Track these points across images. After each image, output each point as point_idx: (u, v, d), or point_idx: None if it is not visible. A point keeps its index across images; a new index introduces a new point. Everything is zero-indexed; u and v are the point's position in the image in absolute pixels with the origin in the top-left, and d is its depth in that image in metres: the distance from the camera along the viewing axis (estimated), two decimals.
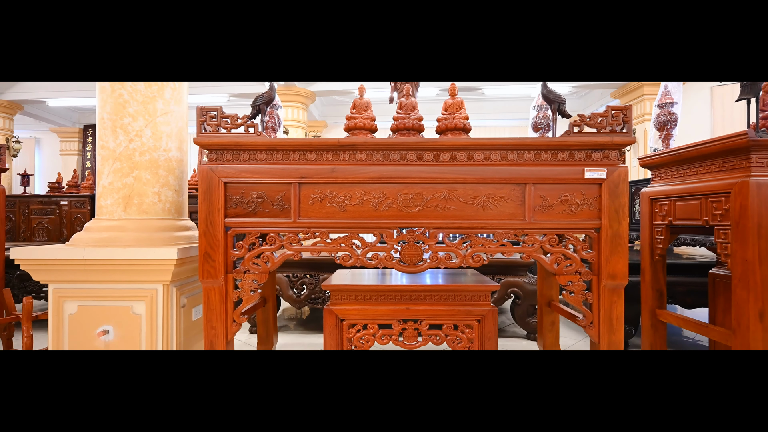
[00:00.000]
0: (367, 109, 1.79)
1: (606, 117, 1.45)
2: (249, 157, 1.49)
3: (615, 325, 1.46)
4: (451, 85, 1.76)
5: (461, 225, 1.47)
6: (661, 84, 2.08)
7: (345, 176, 1.47)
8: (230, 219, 1.49)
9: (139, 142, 1.70)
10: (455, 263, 1.48)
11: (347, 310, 1.49)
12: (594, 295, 1.48)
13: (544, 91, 1.76)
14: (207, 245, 1.47)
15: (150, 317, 1.62)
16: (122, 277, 1.60)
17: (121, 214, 1.68)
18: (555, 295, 2.17)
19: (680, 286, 2.46)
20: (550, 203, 1.47)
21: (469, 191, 1.47)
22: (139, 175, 1.70)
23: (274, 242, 1.50)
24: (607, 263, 1.45)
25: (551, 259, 1.48)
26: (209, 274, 1.48)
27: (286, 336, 2.79)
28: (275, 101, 2.07)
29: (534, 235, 1.47)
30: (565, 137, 1.45)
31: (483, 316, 1.48)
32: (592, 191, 1.46)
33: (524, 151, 1.46)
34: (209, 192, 1.47)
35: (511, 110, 8.64)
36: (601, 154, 1.46)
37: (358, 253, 1.49)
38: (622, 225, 1.44)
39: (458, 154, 1.47)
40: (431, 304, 1.50)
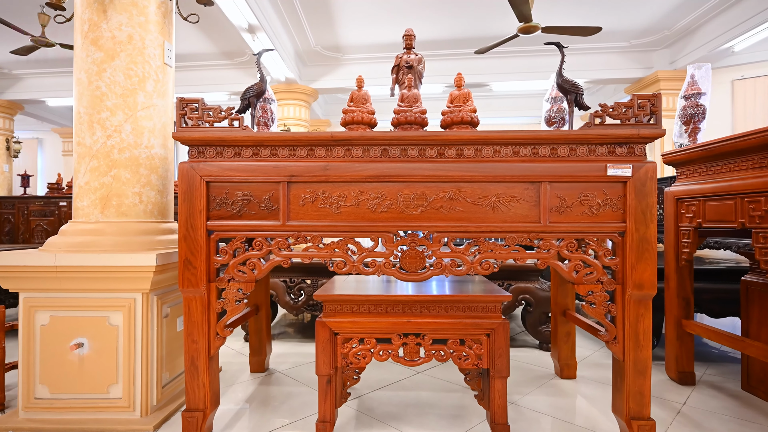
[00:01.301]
0: (365, 102, 1.66)
1: (631, 107, 1.30)
2: (233, 153, 1.37)
3: (642, 340, 1.32)
4: (458, 75, 1.63)
5: (468, 228, 1.33)
6: (688, 73, 1.92)
7: (339, 174, 1.34)
8: (213, 222, 1.37)
9: (117, 138, 1.58)
10: (462, 271, 1.34)
11: (342, 323, 1.36)
12: (618, 307, 1.33)
13: (559, 80, 1.62)
14: (187, 251, 1.35)
15: (128, 329, 1.50)
16: (98, 286, 1.48)
17: (98, 216, 1.57)
18: (570, 303, 2.02)
19: (706, 293, 2.29)
20: (568, 204, 1.32)
21: (478, 191, 1.33)
22: (118, 174, 1.58)
23: (261, 247, 1.37)
24: (633, 271, 1.30)
25: (569, 266, 1.34)
26: (190, 282, 1.35)
27: (283, 344, 2.67)
28: (268, 94, 1.95)
29: (550, 240, 1.33)
30: (586, 130, 1.30)
31: (493, 330, 1.34)
32: (616, 190, 1.32)
33: (539, 145, 1.32)
34: (190, 192, 1.35)
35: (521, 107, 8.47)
36: (625, 149, 1.32)
37: (353, 260, 1.35)
38: (649, 228, 1.30)
39: (465, 149, 1.34)
40: (435, 316, 1.37)
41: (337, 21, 5.23)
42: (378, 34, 5.57)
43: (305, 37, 5.62)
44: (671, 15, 4.94)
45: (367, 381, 1.98)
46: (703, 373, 2.11)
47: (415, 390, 1.88)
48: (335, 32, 5.55)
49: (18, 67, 6.91)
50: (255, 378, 2.04)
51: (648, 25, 5.22)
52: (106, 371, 1.50)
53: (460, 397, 1.80)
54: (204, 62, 6.36)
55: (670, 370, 2.01)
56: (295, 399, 1.78)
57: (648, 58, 5.92)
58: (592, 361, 2.33)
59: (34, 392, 1.50)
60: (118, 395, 1.51)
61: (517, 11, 3.65)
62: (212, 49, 6.00)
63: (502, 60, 6.14)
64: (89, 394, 1.50)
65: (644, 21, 5.12)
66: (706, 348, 2.54)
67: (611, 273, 1.37)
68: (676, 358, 1.96)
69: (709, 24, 4.91)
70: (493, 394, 1.35)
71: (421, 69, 1.81)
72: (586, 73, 5.99)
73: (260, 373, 2.11)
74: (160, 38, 1.70)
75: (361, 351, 1.37)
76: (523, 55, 6.06)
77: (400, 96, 1.65)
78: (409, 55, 1.80)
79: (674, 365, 1.97)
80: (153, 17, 1.67)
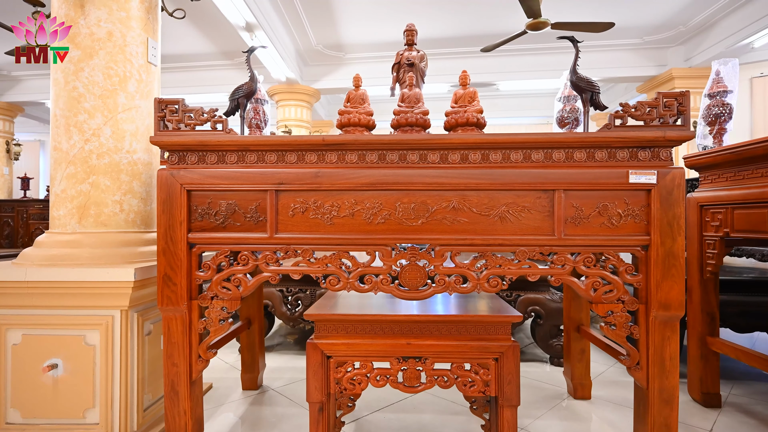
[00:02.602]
0: (363, 103, 1.56)
1: (656, 106, 1.18)
2: (217, 159, 1.27)
3: (668, 366, 1.20)
4: (463, 73, 1.52)
5: (474, 241, 1.22)
6: (713, 69, 1.80)
7: (332, 182, 1.24)
8: (195, 234, 1.26)
9: (96, 142, 1.49)
10: (467, 288, 1.23)
11: (335, 345, 1.25)
12: (641, 329, 1.21)
13: (573, 78, 1.50)
14: (167, 265, 1.25)
15: (105, 348, 1.40)
16: (73, 302, 1.39)
17: (75, 226, 1.48)
18: (585, 318, 1.90)
19: (731, 306, 2.15)
20: (585, 214, 1.21)
21: (485, 200, 1.22)
22: (97, 180, 1.49)
23: (246, 262, 1.27)
24: (658, 289, 1.18)
25: (587, 283, 1.22)
26: (169, 300, 1.25)
27: (279, 357, 2.57)
28: (260, 95, 1.85)
29: (565, 254, 1.21)
30: (605, 132, 1.19)
31: (501, 354, 1.22)
32: (639, 199, 1.20)
33: (553, 149, 1.21)
34: (169, 202, 1.25)
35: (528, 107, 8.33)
36: (649, 153, 1.20)
37: (347, 276, 1.25)
38: (676, 242, 1.17)
39: (471, 154, 1.22)
40: (437, 338, 1.25)
41: (338, 19, 5.14)
42: (381, 32, 5.47)
43: (306, 35, 5.53)
44: (687, 10, 4.79)
45: (366, 400, 1.87)
46: (729, 394, 1.97)
47: (416, 412, 1.77)
48: (337, 30, 5.46)
49: (18, 68, 6.91)
50: (247, 396, 1.94)
51: (662, 21, 5.07)
52: (82, 394, 1.41)
53: (465, 421, 1.68)
54: (203, 62, 6.30)
55: (693, 391, 1.87)
56: (287, 422, 1.68)
57: (662, 55, 5.76)
58: (607, 378, 2.20)
59: (5, 417, 1.41)
60: (95, 420, 1.41)
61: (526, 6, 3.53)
62: (211, 49, 5.94)
63: (509, 58, 6.01)
64: (64, 419, 1.41)
65: (658, 16, 4.97)
66: (729, 363, 2.40)
67: (633, 291, 1.25)
68: (700, 379, 1.83)
69: (727, 19, 4.75)
70: (501, 425, 1.23)
71: (424, 66, 1.70)
72: (596, 71, 5.84)
73: (253, 391, 2.00)
74: (143, 35, 1.61)
75: (356, 376, 1.26)
76: (531, 52, 5.93)
77: (400, 96, 1.54)
78: (410, 52, 1.69)
79: (698, 386, 1.84)
80: (135, 12, 1.57)
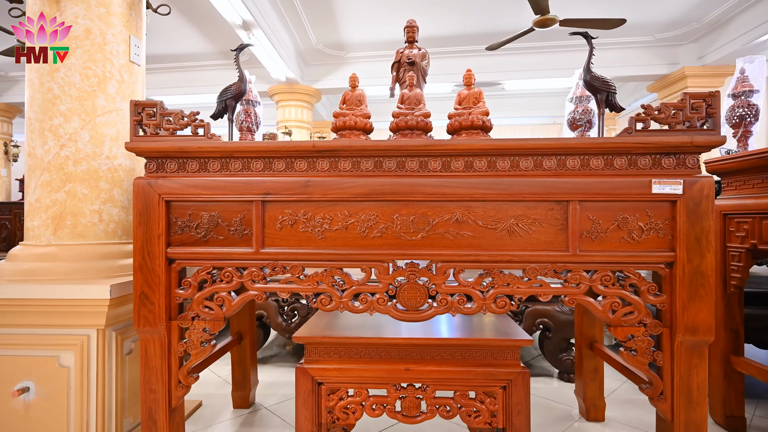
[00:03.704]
0: (360, 104, 1.47)
1: (683, 108, 1.08)
2: (198, 167, 1.18)
3: (696, 397, 1.09)
4: (467, 72, 1.42)
5: (480, 257, 1.12)
6: (737, 67, 1.69)
7: (323, 192, 1.14)
8: (174, 249, 1.17)
9: (73, 147, 1.40)
10: (471, 309, 1.13)
11: (327, 371, 1.16)
12: (665, 356, 1.11)
13: (587, 77, 1.40)
14: (143, 283, 1.16)
15: (80, 370, 1.32)
16: (45, 321, 1.30)
17: (50, 238, 1.39)
18: (598, 334, 1.79)
19: (754, 320, 2.03)
20: (603, 228, 1.10)
21: (491, 212, 1.12)
22: (74, 189, 1.40)
23: (230, 279, 1.17)
24: (685, 311, 1.07)
25: (604, 304, 1.11)
26: (147, 320, 1.16)
27: (275, 370, 2.47)
28: (251, 95, 1.76)
29: (580, 272, 1.11)
30: (625, 137, 1.08)
31: (510, 382, 1.12)
32: (662, 211, 1.09)
33: (567, 156, 1.10)
34: (146, 213, 1.16)
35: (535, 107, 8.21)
36: (674, 160, 1.09)
37: (340, 295, 1.15)
38: (705, 258, 1.07)
39: (476, 161, 1.12)
40: (439, 364, 1.15)
41: (339, 17, 5.06)
42: (384, 31, 5.38)
43: (306, 34, 5.45)
44: (701, 6, 4.66)
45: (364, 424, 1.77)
46: (753, 415, 1.86)
47: None
48: (338, 29, 5.37)
49: (16, 69, 6.87)
50: (237, 416, 1.85)
51: (675, 18, 4.94)
52: (56, 420, 1.32)
53: None
54: (201, 62, 6.23)
55: (715, 414, 1.76)
56: None
57: (673, 53, 5.63)
58: (620, 397, 2.09)
59: None
60: None
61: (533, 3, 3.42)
62: (209, 49, 5.87)
63: (515, 57, 5.90)
64: None
65: (671, 13, 4.85)
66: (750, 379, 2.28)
67: (656, 313, 1.14)
68: (723, 401, 1.72)
69: (743, 15, 4.62)
70: None
71: (425, 65, 1.61)
72: (604, 70, 5.69)
73: (244, 410, 1.91)
74: (124, 32, 1.52)
75: (350, 404, 1.16)
76: (538, 51, 5.81)
77: (400, 96, 1.45)
78: (411, 50, 1.60)
79: (720, 408, 1.72)
80: (116, 8, 1.49)
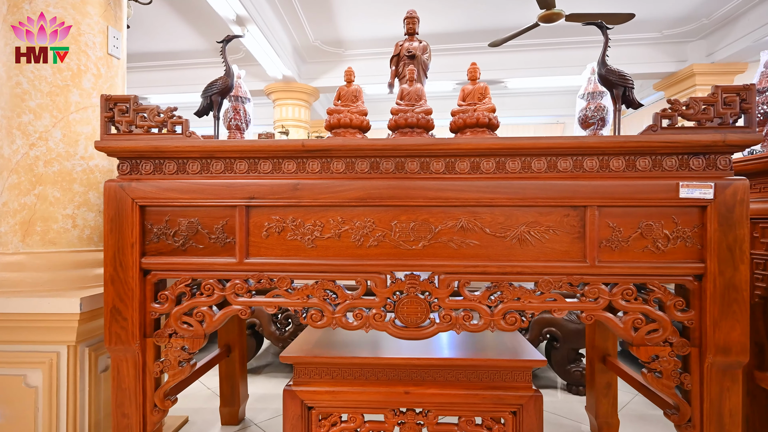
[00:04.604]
0: (356, 100, 1.38)
1: (714, 103, 0.98)
2: (176, 168, 1.08)
3: (728, 424, 0.99)
4: (472, 66, 1.33)
5: (487, 269, 1.02)
6: (762, 61, 1.59)
7: (314, 195, 1.04)
8: (150, 259, 1.07)
9: (43, 147, 1.31)
10: (478, 326, 1.03)
11: (318, 393, 1.06)
12: (694, 379, 1.01)
13: (602, 71, 1.31)
14: (115, 296, 1.06)
15: (49, 390, 1.22)
16: (11, 337, 1.20)
17: (18, 245, 1.29)
18: (611, 347, 1.69)
19: None
20: (624, 236, 1.00)
21: (500, 218, 1.02)
22: (44, 192, 1.31)
23: (211, 292, 1.07)
24: (716, 329, 0.98)
25: (626, 321, 1.02)
26: (119, 338, 1.06)
27: (267, 382, 2.37)
28: (241, 92, 1.67)
29: (598, 285, 1.01)
30: (650, 135, 0.98)
31: (521, 406, 1.02)
32: (690, 218, 1.00)
33: (584, 156, 1.01)
34: (118, 220, 1.06)
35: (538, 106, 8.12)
36: (703, 161, 0.99)
37: (333, 310, 1.05)
38: (738, 270, 0.97)
39: (483, 161, 1.03)
40: (442, 386, 1.06)
41: (337, 13, 4.96)
42: (383, 27, 5.28)
43: (303, 30, 5.35)
44: (711, 1, 4.56)
45: None
46: None
47: None
48: (336, 25, 5.28)
49: None
50: None
51: (684, 13, 4.85)
52: None
53: None
54: (194, 60, 6.13)
55: None
56: None
57: (681, 50, 5.53)
58: (634, 411, 1.99)
59: None
60: None
61: None
62: (204, 46, 5.77)
63: (519, 54, 5.80)
64: None
65: (680, 8, 4.75)
66: None
67: (683, 331, 1.04)
68: (746, 418, 1.61)
69: (755, 10, 4.52)
70: None
71: (427, 59, 1.51)
72: None
73: (233, 426, 1.81)
74: (102, 23, 1.42)
75: (343, 431, 1.06)
76: (543, 48, 5.71)
77: (399, 92, 1.35)
78: (411, 42, 1.50)
79: (744, 427, 1.62)
80: None
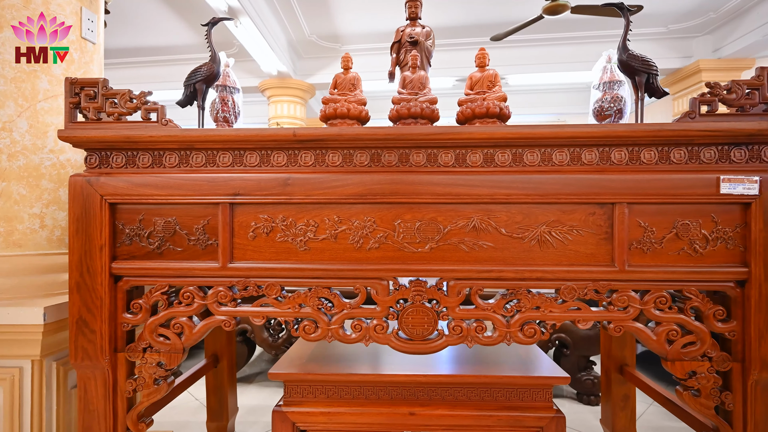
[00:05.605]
0: (354, 89, 1.28)
1: (759, 87, 0.88)
2: (151, 161, 0.97)
3: None
4: (480, 51, 1.23)
5: (503, 274, 0.92)
6: None
7: (307, 191, 0.93)
8: (121, 263, 0.96)
9: (7, 139, 1.19)
10: (492, 338, 0.92)
11: (311, 415, 0.95)
12: (736, 398, 0.91)
13: (623, 56, 1.22)
14: (81, 306, 0.95)
15: (11, 408, 1.10)
16: None
17: None
18: (629, 356, 1.59)
19: None
20: (657, 237, 0.90)
21: (517, 217, 0.92)
22: (8, 188, 1.19)
23: (191, 301, 0.96)
24: (762, 342, 0.87)
25: (659, 333, 0.91)
26: (86, 353, 0.95)
27: (258, 393, 2.26)
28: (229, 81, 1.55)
29: (628, 292, 0.91)
30: (687, 123, 0.88)
31: (541, 429, 0.92)
32: (732, 216, 0.89)
33: (612, 147, 0.90)
34: (85, 219, 0.95)
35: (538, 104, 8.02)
36: (746, 152, 0.89)
37: (328, 321, 0.94)
38: None
39: (498, 153, 0.92)
40: (451, 406, 0.95)
41: (333, 7, 4.85)
42: (381, 21, 5.17)
43: (298, 24, 5.24)
44: None
45: None
46: None
47: None
48: (332, 19, 5.17)
49: None
50: None
51: (690, 7, 4.76)
52: None
53: None
54: (188, 55, 6.00)
55: None
56: None
57: (687, 45, 5.45)
58: (650, 423, 1.89)
59: None
60: None
61: None
62: (195, 41, 5.65)
63: (521, 49, 5.71)
64: None
65: (686, 2, 4.67)
66: None
67: (724, 344, 0.94)
68: None
69: (765, 3, 4.44)
70: None
71: (430, 46, 1.42)
72: None
73: None
74: (75, 4, 1.31)
75: None
76: (546, 43, 5.62)
77: (401, 80, 1.25)
78: (413, 28, 1.41)
79: None
80: None
